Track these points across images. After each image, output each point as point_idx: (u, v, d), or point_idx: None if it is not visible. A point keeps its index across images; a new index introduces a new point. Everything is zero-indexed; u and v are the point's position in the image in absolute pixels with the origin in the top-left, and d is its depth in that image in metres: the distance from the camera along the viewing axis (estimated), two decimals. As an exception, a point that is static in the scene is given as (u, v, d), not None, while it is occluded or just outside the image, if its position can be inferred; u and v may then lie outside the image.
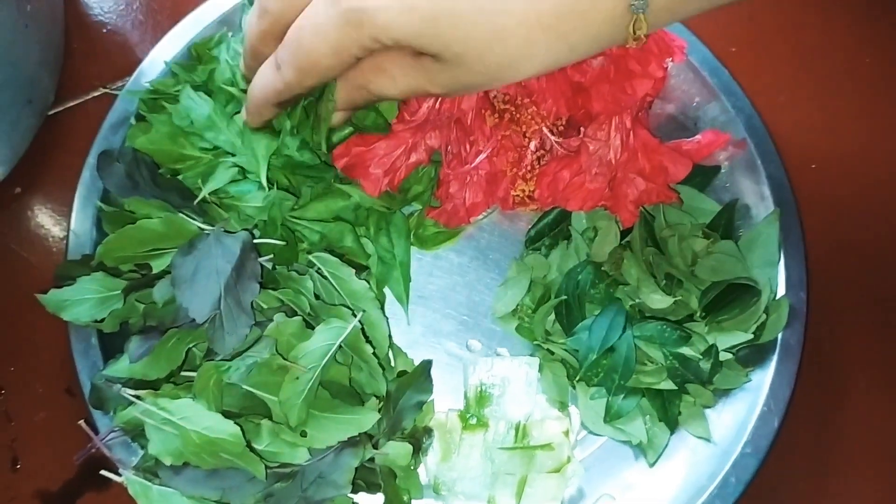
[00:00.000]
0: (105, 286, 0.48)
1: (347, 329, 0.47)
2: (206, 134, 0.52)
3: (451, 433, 0.52)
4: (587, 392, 0.52)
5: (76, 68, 0.63)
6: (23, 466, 0.53)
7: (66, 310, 0.48)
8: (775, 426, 0.51)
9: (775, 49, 0.65)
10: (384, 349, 0.50)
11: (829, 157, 0.62)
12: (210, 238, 0.47)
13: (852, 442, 0.55)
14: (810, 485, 0.54)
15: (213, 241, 0.47)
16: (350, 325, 0.48)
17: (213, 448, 0.44)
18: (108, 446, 0.47)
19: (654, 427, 0.52)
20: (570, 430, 0.52)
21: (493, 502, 0.50)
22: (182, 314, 0.47)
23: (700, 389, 0.52)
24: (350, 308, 0.50)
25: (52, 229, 0.59)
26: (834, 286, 0.58)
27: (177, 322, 0.47)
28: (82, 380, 0.50)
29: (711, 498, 0.50)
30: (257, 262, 0.48)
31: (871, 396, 0.56)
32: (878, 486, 0.55)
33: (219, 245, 0.47)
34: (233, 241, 0.48)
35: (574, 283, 0.53)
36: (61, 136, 0.61)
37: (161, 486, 0.45)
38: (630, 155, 0.54)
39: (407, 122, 0.53)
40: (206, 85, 0.54)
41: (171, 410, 0.45)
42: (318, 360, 0.47)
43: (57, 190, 0.59)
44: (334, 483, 0.46)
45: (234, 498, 0.45)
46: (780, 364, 0.52)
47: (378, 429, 0.48)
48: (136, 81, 0.57)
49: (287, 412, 0.45)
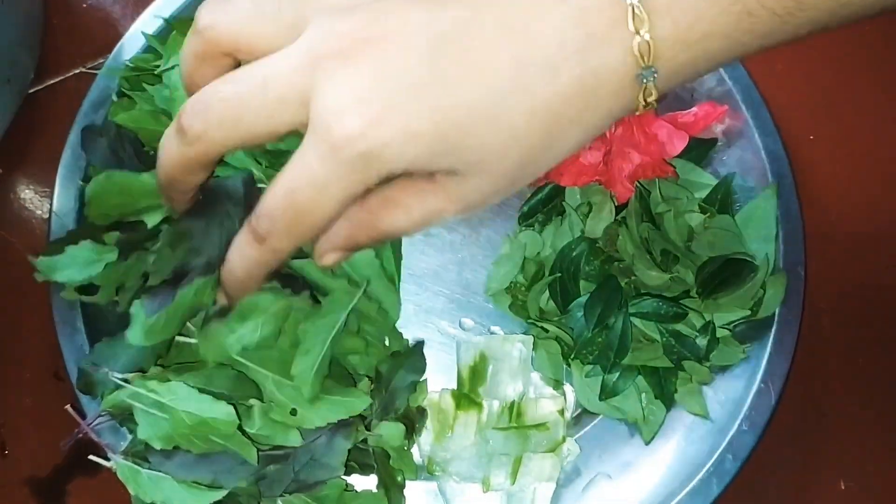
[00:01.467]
0: (94, 252, 0.47)
1: (356, 297, 0.47)
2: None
3: (445, 413, 0.51)
4: (582, 370, 0.52)
5: (56, 45, 0.61)
6: (11, 453, 0.52)
7: (58, 271, 0.47)
8: (772, 403, 0.51)
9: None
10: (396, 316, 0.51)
11: (828, 128, 0.61)
12: (210, 184, 0.46)
13: (851, 418, 0.55)
14: (808, 461, 0.54)
15: (216, 187, 0.46)
16: (358, 293, 0.47)
17: (205, 430, 0.44)
18: (96, 431, 0.47)
19: (650, 405, 0.52)
20: (565, 409, 0.51)
21: (488, 483, 0.50)
22: (193, 261, 0.45)
23: (696, 366, 0.51)
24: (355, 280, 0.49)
25: (35, 211, 0.58)
26: (833, 260, 0.57)
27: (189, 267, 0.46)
28: (69, 364, 0.50)
29: (708, 475, 0.49)
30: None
31: (870, 371, 0.56)
32: (876, 461, 0.54)
33: (223, 189, 0.46)
34: (234, 182, 0.47)
35: (568, 260, 0.53)
36: (42, 116, 0.59)
37: (151, 471, 0.45)
38: (625, 128, 0.53)
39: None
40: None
41: (160, 392, 0.44)
42: (328, 332, 0.46)
43: (39, 170, 0.58)
44: (327, 465, 0.46)
45: (226, 481, 0.45)
46: (777, 340, 0.52)
47: (371, 409, 0.48)
48: (117, 57, 0.55)
49: (301, 385, 0.45)
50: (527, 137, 0.33)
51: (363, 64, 0.32)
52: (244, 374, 0.46)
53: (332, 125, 0.31)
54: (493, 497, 0.50)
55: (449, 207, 0.36)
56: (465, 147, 0.32)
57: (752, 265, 0.52)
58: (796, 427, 0.54)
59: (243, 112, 0.33)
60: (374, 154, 0.32)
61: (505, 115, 0.32)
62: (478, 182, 0.34)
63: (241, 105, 0.33)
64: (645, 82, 0.32)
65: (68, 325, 0.50)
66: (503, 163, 0.34)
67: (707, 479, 0.49)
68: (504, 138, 0.33)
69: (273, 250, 0.36)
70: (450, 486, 0.50)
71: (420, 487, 0.51)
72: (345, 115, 0.31)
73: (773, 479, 0.53)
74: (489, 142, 0.33)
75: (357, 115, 0.31)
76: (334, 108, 0.31)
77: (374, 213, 0.36)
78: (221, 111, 0.34)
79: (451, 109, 0.32)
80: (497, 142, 0.33)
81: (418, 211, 0.36)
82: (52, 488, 0.52)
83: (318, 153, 0.32)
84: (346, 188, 0.33)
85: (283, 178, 0.34)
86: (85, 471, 0.52)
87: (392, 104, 0.31)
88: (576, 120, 0.33)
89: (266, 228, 0.35)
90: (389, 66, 0.32)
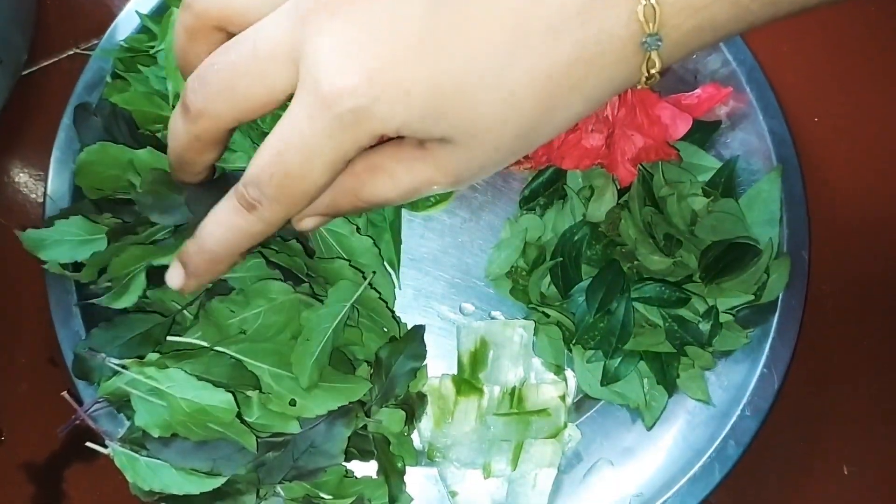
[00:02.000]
0: (84, 230, 0.47)
1: (360, 288, 0.47)
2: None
3: (445, 399, 0.51)
4: (584, 355, 0.51)
5: (49, 25, 0.60)
6: (7, 439, 0.52)
7: (45, 249, 0.46)
8: (775, 388, 0.50)
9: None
10: (392, 303, 0.50)
11: (833, 111, 0.60)
12: (226, 176, 0.45)
13: (854, 403, 0.55)
14: (810, 446, 0.54)
15: (230, 179, 0.45)
16: (363, 284, 0.47)
17: (203, 418, 0.43)
18: (93, 418, 0.46)
19: (652, 390, 0.51)
20: (566, 395, 0.51)
21: (489, 469, 0.49)
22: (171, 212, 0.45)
23: (699, 352, 0.51)
24: (356, 267, 0.49)
25: (29, 195, 0.57)
26: (837, 244, 0.57)
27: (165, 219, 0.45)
28: (64, 350, 0.49)
29: (710, 461, 0.49)
30: None
31: (873, 356, 0.56)
32: (879, 446, 0.54)
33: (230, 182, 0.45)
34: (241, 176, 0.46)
35: (570, 245, 0.52)
36: (36, 98, 0.58)
37: (149, 458, 0.44)
38: (628, 110, 0.52)
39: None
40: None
41: (158, 379, 0.44)
42: (331, 322, 0.46)
43: (33, 153, 0.57)
44: (327, 453, 0.45)
45: (225, 468, 0.44)
46: (780, 325, 0.51)
47: (370, 396, 0.48)
48: (111, 38, 0.54)
49: (298, 374, 0.44)
50: (526, 104, 0.31)
51: (353, 14, 0.30)
52: (242, 362, 0.45)
53: (320, 79, 0.30)
54: (494, 483, 0.50)
55: (438, 178, 0.34)
56: (461, 112, 0.31)
57: (756, 249, 0.51)
58: (799, 412, 0.54)
59: (237, 79, 0.32)
60: (364, 110, 0.30)
61: (504, 80, 0.30)
62: (471, 152, 0.32)
63: (235, 72, 0.32)
64: (648, 50, 0.31)
65: (63, 309, 0.50)
66: (500, 132, 0.32)
67: (709, 465, 0.49)
68: (502, 105, 0.31)
69: (263, 220, 0.34)
70: (450, 472, 0.50)
71: (420, 473, 0.51)
72: (333, 68, 0.30)
73: (775, 464, 0.53)
74: (486, 108, 0.31)
75: (346, 68, 0.30)
76: (323, 61, 0.30)
77: (358, 177, 0.35)
78: (217, 82, 0.33)
79: (448, 69, 0.30)
80: (494, 109, 0.31)
81: (406, 179, 0.34)
82: (49, 474, 0.51)
83: (306, 110, 0.31)
84: (336, 148, 0.31)
85: (270, 140, 0.32)
86: (82, 457, 0.51)
87: (384, 59, 0.30)
88: (577, 88, 0.31)
89: (255, 195, 0.34)
90: (381, 18, 0.30)
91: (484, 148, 0.32)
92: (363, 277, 0.48)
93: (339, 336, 0.47)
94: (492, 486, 0.50)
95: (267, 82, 0.32)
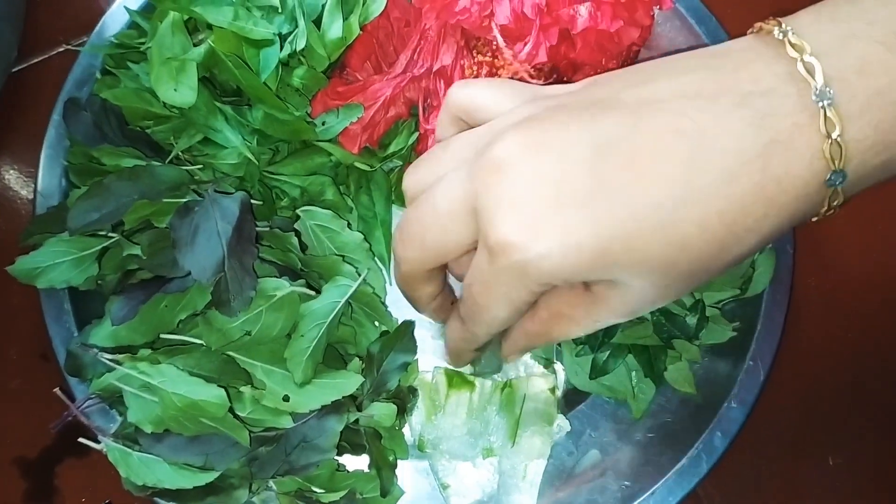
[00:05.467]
0: (76, 247, 0.47)
1: (355, 285, 0.47)
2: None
3: (436, 392, 0.51)
4: (573, 349, 0.52)
5: (39, 22, 0.60)
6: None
7: (39, 277, 0.47)
8: (761, 380, 0.51)
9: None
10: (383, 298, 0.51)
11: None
12: (207, 199, 0.46)
13: (838, 395, 0.55)
14: (796, 438, 0.55)
15: (211, 203, 0.46)
16: (357, 281, 0.48)
17: (195, 413, 0.44)
18: (86, 414, 0.46)
19: (640, 383, 0.52)
20: (556, 387, 0.52)
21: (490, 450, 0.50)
22: (170, 270, 0.45)
23: (686, 345, 0.51)
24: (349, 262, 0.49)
25: (19, 191, 0.57)
26: (821, 239, 0.57)
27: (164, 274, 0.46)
28: (56, 346, 0.49)
29: (698, 452, 0.50)
30: (254, 224, 0.47)
31: (857, 349, 0.56)
32: (863, 437, 0.55)
33: (217, 206, 0.46)
34: (231, 201, 0.46)
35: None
36: (26, 95, 0.58)
37: (142, 453, 0.44)
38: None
39: (384, 74, 0.52)
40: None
41: (151, 374, 0.44)
42: (325, 318, 0.46)
43: (23, 150, 0.57)
44: (319, 447, 0.46)
45: (218, 463, 0.45)
46: (766, 318, 0.52)
47: (362, 390, 0.48)
48: (101, 34, 0.54)
49: (293, 370, 0.45)
50: (697, 249, 0.30)
51: (520, 173, 0.31)
52: (233, 358, 0.46)
53: (489, 234, 0.31)
54: (485, 475, 0.50)
55: (614, 317, 0.34)
56: (629, 260, 0.30)
57: (742, 244, 0.52)
58: (785, 404, 0.55)
59: (425, 233, 0.35)
60: (531, 264, 0.31)
61: (674, 227, 0.30)
62: (641, 292, 0.32)
63: (422, 227, 0.35)
64: (833, 186, 0.30)
65: (55, 305, 0.50)
66: (670, 274, 0.31)
67: (696, 457, 0.50)
68: (672, 251, 0.30)
69: (473, 333, 0.38)
70: (441, 465, 0.51)
71: (411, 466, 0.51)
72: (500, 224, 0.31)
73: (762, 456, 0.54)
74: (655, 255, 0.30)
75: (510, 223, 0.31)
76: (492, 218, 0.31)
77: (545, 324, 0.36)
78: (411, 236, 0.36)
79: (614, 220, 0.30)
80: (663, 255, 0.30)
81: (586, 321, 0.35)
82: (41, 470, 0.51)
83: (485, 256, 0.32)
84: (508, 293, 0.33)
85: (469, 274, 0.35)
86: (73, 452, 0.51)
87: (549, 213, 0.30)
88: (753, 229, 0.30)
89: (463, 313, 0.37)
90: (546, 175, 0.30)
91: (653, 289, 0.32)
92: (357, 273, 0.48)
93: (333, 332, 0.47)
94: (483, 478, 0.50)
95: (450, 236, 0.34)
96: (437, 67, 0.52)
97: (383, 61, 0.53)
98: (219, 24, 0.48)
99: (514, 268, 0.31)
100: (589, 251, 0.30)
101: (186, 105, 0.48)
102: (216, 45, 0.48)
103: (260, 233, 0.49)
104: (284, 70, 0.50)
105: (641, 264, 0.31)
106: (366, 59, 0.54)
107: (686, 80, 0.31)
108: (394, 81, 0.52)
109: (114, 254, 0.47)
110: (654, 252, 0.30)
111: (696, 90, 0.30)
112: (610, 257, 0.30)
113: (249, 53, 0.49)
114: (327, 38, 0.50)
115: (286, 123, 0.50)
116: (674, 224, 0.30)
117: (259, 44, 0.49)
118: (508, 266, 0.31)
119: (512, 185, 0.31)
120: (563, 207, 0.30)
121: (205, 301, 0.45)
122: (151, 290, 0.46)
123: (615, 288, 0.32)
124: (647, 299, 0.33)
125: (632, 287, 0.32)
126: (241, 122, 0.50)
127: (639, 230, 0.30)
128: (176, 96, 0.48)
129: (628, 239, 0.30)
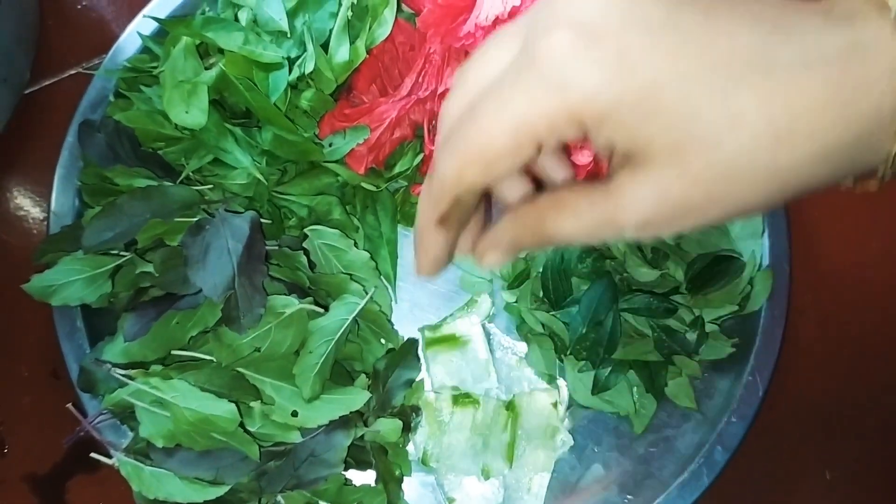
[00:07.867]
0: (90, 265, 0.48)
1: (362, 303, 0.48)
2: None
3: (441, 411, 0.52)
4: (575, 365, 0.53)
5: (52, 46, 0.61)
6: (10, 451, 0.53)
7: (54, 295, 0.48)
8: (760, 395, 0.52)
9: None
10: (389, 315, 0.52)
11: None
12: (218, 218, 0.47)
13: (835, 410, 0.56)
14: (794, 452, 0.55)
15: (222, 221, 0.47)
16: (365, 299, 0.49)
17: (206, 427, 0.44)
18: (98, 429, 0.47)
19: (641, 398, 0.53)
20: (558, 402, 0.52)
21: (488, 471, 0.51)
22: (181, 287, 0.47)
23: (686, 360, 0.52)
24: (356, 280, 0.50)
25: (31, 210, 0.58)
26: (817, 256, 0.59)
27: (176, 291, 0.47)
28: (68, 362, 0.50)
29: (698, 466, 0.51)
30: (264, 243, 0.48)
31: (854, 364, 0.57)
32: (860, 452, 0.56)
33: (227, 225, 0.47)
34: (241, 220, 0.48)
35: (559, 258, 0.54)
36: (38, 116, 0.59)
37: (153, 468, 0.45)
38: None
39: (390, 97, 0.53)
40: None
41: (163, 389, 0.45)
42: (333, 335, 0.47)
43: (35, 171, 0.58)
44: (326, 462, 0.46)
45: (228, 477, 0.46)
46: (764, 334, 0.53)
47: (368, 406, 0.49)
48: (114, 58, 0.56)
49: (301, 385, 0.46)
50: (747, 132, 0.27)
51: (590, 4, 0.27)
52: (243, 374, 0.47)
53: (535, 41, 0.28)
54: (491, 489, 0.51)
55: (622, 217, 0.30)
56: (678, 113, 0.27)
57: (740, 262, 0.53)
58: (783, 419, 0.55)
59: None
60: (574, 73, 0.27)
61: (734, 99, 0.26)
62: (666, 181, 0.28)
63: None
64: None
65: (68, 323, 0.50)
66: (708, 157, 0.27)
67: (697, 471, 0.51)
68: (723, 123, 0.27)
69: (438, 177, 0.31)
70: (447, 480, 0.51)
71: (418, 480, 0.52)
72: (552, 28, 0.27)
73: (761, 469, 0.55)
74: (705, 120, 0.27)
75: (564, 33, 0.27)
76: (543, 27, 0.28)
77: (542, 212, 0.32)
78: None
79: (680, 66, 0.26)
80: (713, 124, 0.27)
81: (588, 215, 0.31)
82: (52, 486, 0.52)
83: (514, 67, 0.28)
84: (531, 110, 0.28)
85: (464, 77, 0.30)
86: (84, 468, 0.52)
87: (611, 29, 0.27)
88: (811, 136, 0.27)
89: (437, 142, 0.32)
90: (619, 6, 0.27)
91: (682, 176, 0.28)
92: (365, 292, 0.49)
93: (341, 349, 0.48)
94: (488, 492, 0.51)
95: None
96: (442, 90, 0.53)
97: (389, 84, 0.54)
98: (230, 49, 0.50)
99: (551, 77, 0.27)
100: (640, 81, 0.27)
101: (197, 127, 0.49)
102: (227, 68, 0.49)
103: (269, 251, 0.50)
104: (293, 93, 0.52)
105: (685, 128, 0.27)
106: (372, 82, 0.55)
107: None
108: (399, 104, 0.53)
109: (127, 272, 0.48)
110: (704, 119, 0.27)
111: None
112: (659, 102, 0.27)
113: (259, 77, 0.50)
114: (334, 61, 0.52)
115: (295, 144, 0.51)
116: (734, 98, 0.27)
117: (268, 67, 0.50)
118: (545, 74, 0.27)
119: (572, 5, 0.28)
120: (628, 27, 0.27)
121: (215, 318, 0.46)
122: (163, 307, 0.47)
123: (637, 174, 0.28)
124: (669, 197, 0.28)
125: (658, 168, 0.28)
126: (251, 144, 0.51)
127: (696, 89, 0.27)
128: (187, 118, 0.49)
129: (685, 83, 0.27)
